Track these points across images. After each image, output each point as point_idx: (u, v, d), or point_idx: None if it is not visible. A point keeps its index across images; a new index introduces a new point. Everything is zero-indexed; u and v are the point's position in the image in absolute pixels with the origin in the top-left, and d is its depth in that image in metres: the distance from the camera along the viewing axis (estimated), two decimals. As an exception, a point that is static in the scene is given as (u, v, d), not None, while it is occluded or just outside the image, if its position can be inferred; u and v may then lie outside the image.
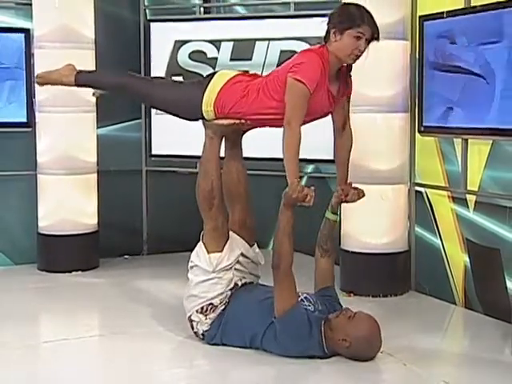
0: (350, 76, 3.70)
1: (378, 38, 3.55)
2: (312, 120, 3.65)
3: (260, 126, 3.75)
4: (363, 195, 3.84)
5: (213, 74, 3.77)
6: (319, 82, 3.49)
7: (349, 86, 3.72)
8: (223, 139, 3.85)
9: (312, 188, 3.44)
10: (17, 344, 3.91)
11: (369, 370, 3.51)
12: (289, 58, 3.64)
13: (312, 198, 3.41)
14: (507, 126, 4.00)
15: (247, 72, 3.82)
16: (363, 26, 3.50)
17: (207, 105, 3.69)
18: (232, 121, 3.67)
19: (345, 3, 3.72)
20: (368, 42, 3.53)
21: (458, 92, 4.42)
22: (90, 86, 4.09)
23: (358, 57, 3.56)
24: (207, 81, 3.73)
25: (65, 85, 4.03)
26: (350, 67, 3.67)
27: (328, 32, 3.55)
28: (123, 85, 3.94)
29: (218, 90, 3.67)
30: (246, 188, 3.98)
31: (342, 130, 3.79)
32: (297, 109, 3.45)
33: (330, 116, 3.77)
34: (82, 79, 3.98)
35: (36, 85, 4.23)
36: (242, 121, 3.66)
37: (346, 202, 3.85)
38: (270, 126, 3.69)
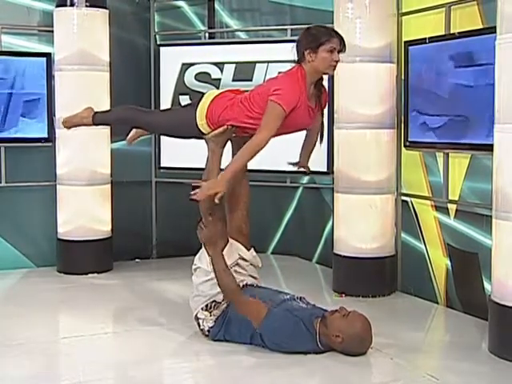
0: (323, 86, 3.74)
1: (344, 49, 3.59)
2: (297, 131, 3.75)
3: (244, 131, 3.76)
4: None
5: (202, 95, 3.86)
6: (299, 101, 3.55)
7: (324, 96, 3.76)
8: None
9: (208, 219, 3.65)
10: (39, 339, 3.92)
11: (359, 364, 3.52)
12: (273, 78, 3.72)
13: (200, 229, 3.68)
14: (484, 142, 4.01)
15: (232, 90, 3.90)
16: (333, 40, 3.55)
17: (200, 118, 3.76)
18: (223, 128, 3.72)
19: (308, 26, 3.71)
20: (339, 52, 3.57)
21: (440, 110, 4.44)
22: (104, 124, 4.37)
23: (335, 66, 3.61)
24: (198, 101, 3.83)
25: (85, 125, 4.20)
26: (321, 79, 3.70)
27: (302, 54, 3.59)
28: (128, 118, 4.08)
29: (207, 104, 3.76)
30: (246, 198, 3.99)
31: (320, 140, 3.87)
32: (269, 125, 3.53)
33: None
34: (97, 119, 4.15)
35: (61, 126, 4.37)
36: (229, 126, 3.71)
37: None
38: (251, 133, 3.71)
